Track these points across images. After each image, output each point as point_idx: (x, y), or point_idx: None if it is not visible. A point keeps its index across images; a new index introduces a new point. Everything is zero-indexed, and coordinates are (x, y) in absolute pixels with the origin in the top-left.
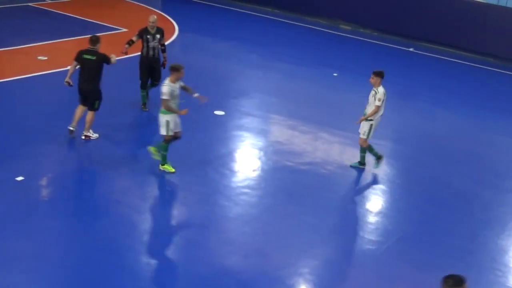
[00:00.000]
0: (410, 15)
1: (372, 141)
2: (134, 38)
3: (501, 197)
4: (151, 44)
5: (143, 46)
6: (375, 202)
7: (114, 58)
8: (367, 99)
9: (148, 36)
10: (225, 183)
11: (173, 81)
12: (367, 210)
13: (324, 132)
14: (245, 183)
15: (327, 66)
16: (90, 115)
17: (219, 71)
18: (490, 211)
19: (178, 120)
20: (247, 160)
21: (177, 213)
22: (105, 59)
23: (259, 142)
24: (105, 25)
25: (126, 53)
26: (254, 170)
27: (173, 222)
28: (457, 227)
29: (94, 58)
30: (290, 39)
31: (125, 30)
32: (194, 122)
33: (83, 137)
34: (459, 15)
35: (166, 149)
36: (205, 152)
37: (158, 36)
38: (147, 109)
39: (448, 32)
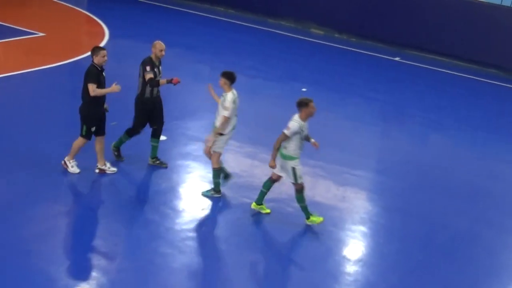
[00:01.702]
0: (396, 18)
1: (349, 171)
2: (152, 74)
3: (507, 238)
4: (159, 78)
5: (144, 83)
6: (354, 247)
7: (118, 87)
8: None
9: (155, 70)
10: (167, 226)
11: (304, 119)
12: (344, 257)
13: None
14: (192, 225)
15: (294, 80)
16: (77, 140)
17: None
18: (494, 255)
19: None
20: (194, 196)
21: (106, 263)
22: (86, 75)
23: (209, 174)
24: (16, 28)
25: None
26: (203, 209)
27: (102, 276)
28: (455, 277)
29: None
30: (248, 46)
31: (41, 34)
32: (128, 148)
33: (96, 171)
34: (455, 17)
35: (303, 200)
36: (142, 187)
37: (161, 68)
38: (123, 159)
39: (441, 38)
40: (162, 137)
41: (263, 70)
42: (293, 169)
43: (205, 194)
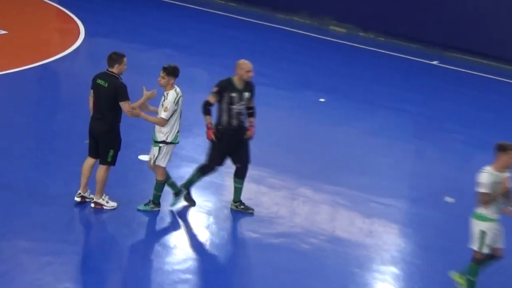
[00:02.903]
0: (434, 13)
1: (375, 200)
2: (212, 98)
3: None
4: (236, 107)
5: (221, 110)
6: None
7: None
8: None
9: (233, 95)
10: (156, 266)
11: (499, 169)
12: None
13: (305, 187)
14: (186, 265)
15: (309, 88)
16: (101, 171)
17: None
18: None
19: (498, 229)
20: (188, 229)
21: None
22: (118, 91)
23: (208, 202)
24: None
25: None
26: (199, 245)
27: None
28: None
29: (106, 85)
30: (253, 47)
31: (2, 32)
32: (115, 170)
33: (92, 205)
34: (504, 13)
35: (475, 273)
36: (125, 219)
37: (246, 94)
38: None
39: (487, 38)
40: (145, 157)
41: (271, 75)
42: (482, 233)
43: (143, 209)
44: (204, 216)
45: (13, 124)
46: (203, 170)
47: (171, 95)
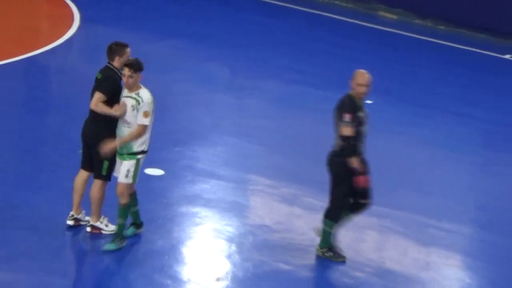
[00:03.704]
0: None
1: (434, 224)
2: (351, 130)
3: None
4: (364, 128)
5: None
6: None
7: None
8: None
9: (360, 114)
10: None
11: None
12: None
13: None
14: None
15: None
16: (95, 187)
17: (154, 95)
18: None
19: None
20: (205, 260)
21: None
22: (102, 82)
23: (229, 227)
24: None
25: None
26: (218, 280)
27: None
28: None
29: (99, 77)
30: (284, 37)
31: None
32: (111, 187)
33: (88, 229)
34: None
35: None
36: (129, 244)
37: (367, 111)
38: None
39: None
40: (158, 171)
41: (306, 72)
42: None
43: (110, 249)
44: (224, 244)
45: None
46: (334, 217)
47: (146, 95)
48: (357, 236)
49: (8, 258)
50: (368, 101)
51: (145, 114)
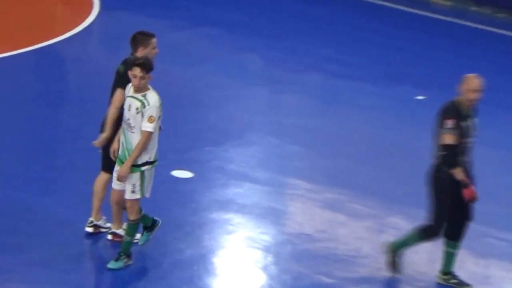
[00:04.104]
0: None
1: (493, 234)
2: (453, 138)
3: None
4: (469, 141)
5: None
6: None
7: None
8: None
9: (465, 124)
10: None
11: None
12: None
13: (398, 216)
14: None
15: (404, 82)
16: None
17: (183, 89)
18: None
19: None
20: (239, 271)
21: None
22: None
23: (265, 235)
24: None
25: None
26: None
27: None
28: None
29: (122, 70)
30: (329, 26)
31: None
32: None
33: (109, 237)
34: None
35: None
36: (156, 254)
37: (475, 122)
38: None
39: None
40: (187, 173)
41: (352, 64)
42: None
43: (114, 267)
44: (259, 254)
45: (1, 127)
46: (427, 234)
47: (153, 97)
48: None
49: (20, 266)
50: (420, 97)
51: (150, 119)
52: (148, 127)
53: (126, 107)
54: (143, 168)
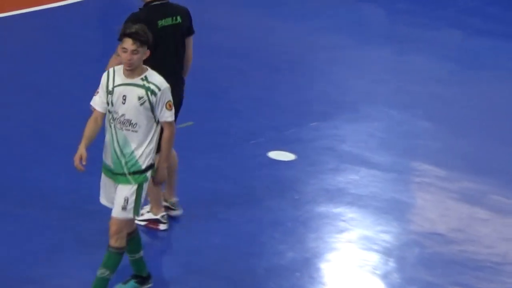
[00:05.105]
0: None
1: None
2: None
3: None
4: None
5: None
6: None
7: None
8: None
9: None
10: None
11: None
12: None
13: None
14: None
15: None
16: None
17: (283, 49)
18: None
19: None
20: (352, 279)
21: None
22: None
23: (385, 234)
24: None
25: None
26: None
27: None
28: None
29: (177, 22)
30: None
31: None
32: (224, 176)
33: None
34: None
35: None
36: (245, 256)
37: None
38: None
39: None
40: (288, 155)
41: (501, 18)
42: None
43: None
44: (378, 258)
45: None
46: None
47: (159, 78)
48: None
49: (38, 253)
50: None
51: (169, 105)
52: (170, 116)
53: (117, 99)
54: (147, 174)
